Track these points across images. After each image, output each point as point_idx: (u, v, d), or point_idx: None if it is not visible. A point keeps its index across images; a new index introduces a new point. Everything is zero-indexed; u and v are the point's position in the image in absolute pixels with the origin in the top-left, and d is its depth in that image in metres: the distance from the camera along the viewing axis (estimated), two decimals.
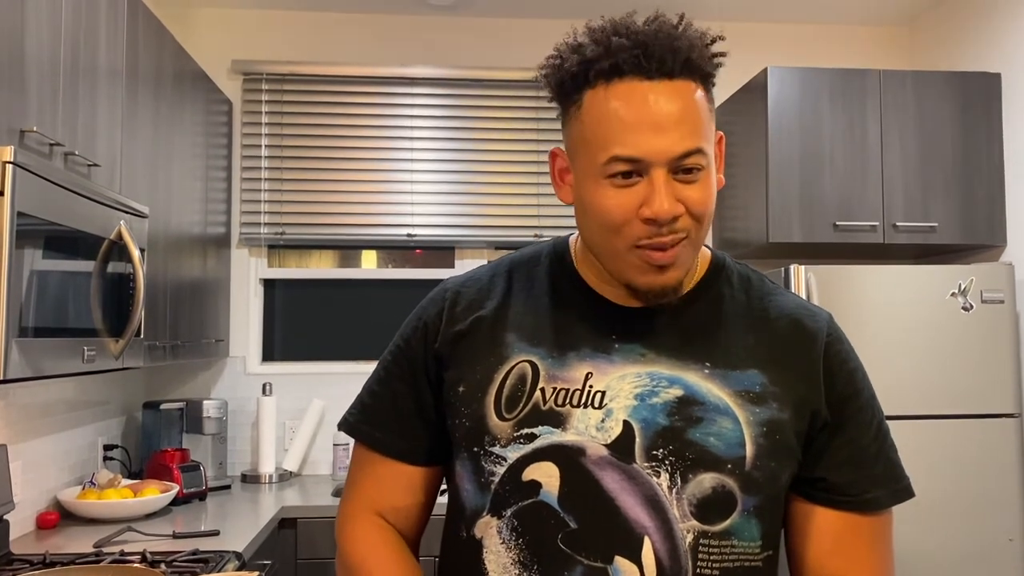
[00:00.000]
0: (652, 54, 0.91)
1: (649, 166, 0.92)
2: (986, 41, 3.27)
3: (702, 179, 0.94)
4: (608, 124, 0.93)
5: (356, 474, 1.13)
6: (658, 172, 0.92)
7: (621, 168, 0.92)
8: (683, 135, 0.91)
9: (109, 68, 2.19)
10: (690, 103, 0.92)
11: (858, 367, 1.05)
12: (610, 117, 0.93)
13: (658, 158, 0.91)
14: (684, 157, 0.92)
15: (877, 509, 1.01)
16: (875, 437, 1.03)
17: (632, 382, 0.99)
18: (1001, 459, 2.82)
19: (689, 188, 0.93)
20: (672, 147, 0.91)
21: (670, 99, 0.92)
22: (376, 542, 1.08)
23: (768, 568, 1.00)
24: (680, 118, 0.91)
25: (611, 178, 0.94)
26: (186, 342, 2.84)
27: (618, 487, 0.95)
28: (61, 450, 2.66)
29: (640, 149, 0.91)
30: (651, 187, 0.92)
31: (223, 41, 3.54)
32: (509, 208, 3.59)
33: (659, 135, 0.91)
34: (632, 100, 0.92)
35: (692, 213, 0.94)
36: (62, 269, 1.81)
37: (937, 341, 2.83)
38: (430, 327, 1.08)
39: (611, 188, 0.94)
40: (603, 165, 0.93)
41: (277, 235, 3.51)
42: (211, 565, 2.05)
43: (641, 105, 0.91)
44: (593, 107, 0.94)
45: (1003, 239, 3.14)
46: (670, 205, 0.92)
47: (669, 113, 0.91)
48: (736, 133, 3.37)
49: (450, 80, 3.60)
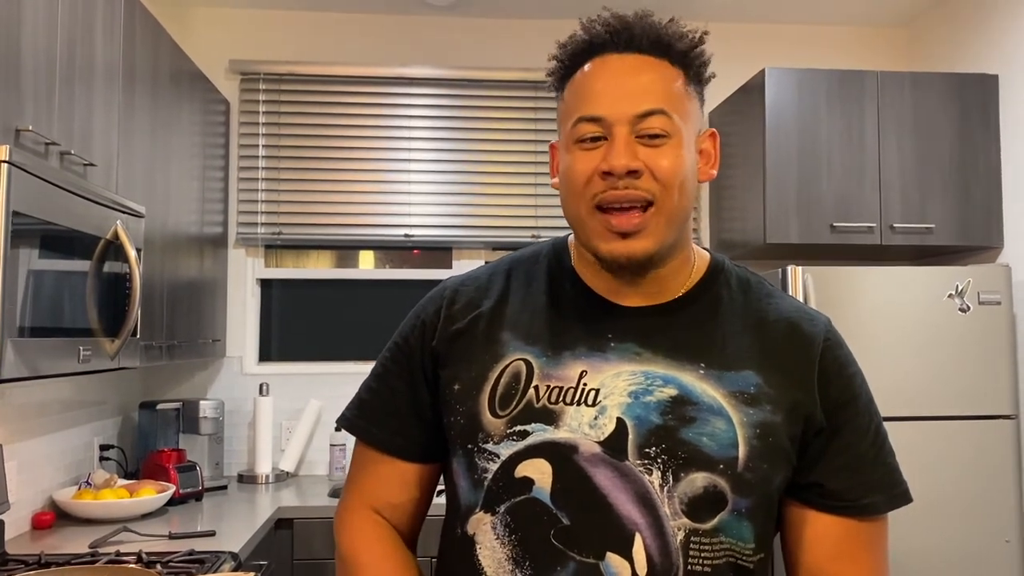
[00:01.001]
0: (621, 31, 0.99)
1: (611, 125, 0.96)
2: (984, 43, 3.27)
3: (669, 146, 0.97)
4: (579, 92, 1.00)
5: (354, 471, 1.15)
6: (619, 129, 0.96)
7: (587, 129, 0.97)
8: (646, 97, 0.96)
9: (106, 67, 2.19)
10: (659, 75, 0.98)
11: (856, 372, 1.05)
12: (582, 87, 1.00)
13: (619, 116, 0.96)
14: (646, 116, 0.95)
15: (874, 514, 1.01)
16: (872, 442, 1.02)
17: (627, 380, 0.99)
18: (997, 460, 2.82)
19: (654, 152, 0.96)
20: (634, 105, 0.96)
21: (637, 68, 0.98)
22: (371, 538, 1.10)
23: (761, 570, 1.01)
24: (645, 84, 0.97)
25: (580, 143, 0.98)
26: (182, 342, 2.83)
27: (610, 484, 0.96)
28: (57, 450, 2.65)
29: (602, 108, 0.96)
30: (611, 144, 0.96)
31: (220, 41, 3.53)
32: (507, 209, 3.59)
33: (622, 96, 0.96)
34: (602, 70, 0.99)
35: (655, 174, 0.96)
36: (58, 269, 1.81)
37: (934, 342, 2.83)
38: (428, 325, 1.10)
39: (579, 151, 0.98)
40: (571, 129, 0.99)
41: (274, 235, 3.50)
42: (207, 566, 2.05)
43: (609, 73, 0.98)
44: (573, 85, 1.01)
45: (1000, 240, 3.14)
46: (627, 159, 0.94)
47: (635, 78, 0.97)
48: (734, 134, 3.37)
49: (448, 80, 3.59)
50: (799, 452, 1.00)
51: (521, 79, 3.58)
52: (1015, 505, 2.82)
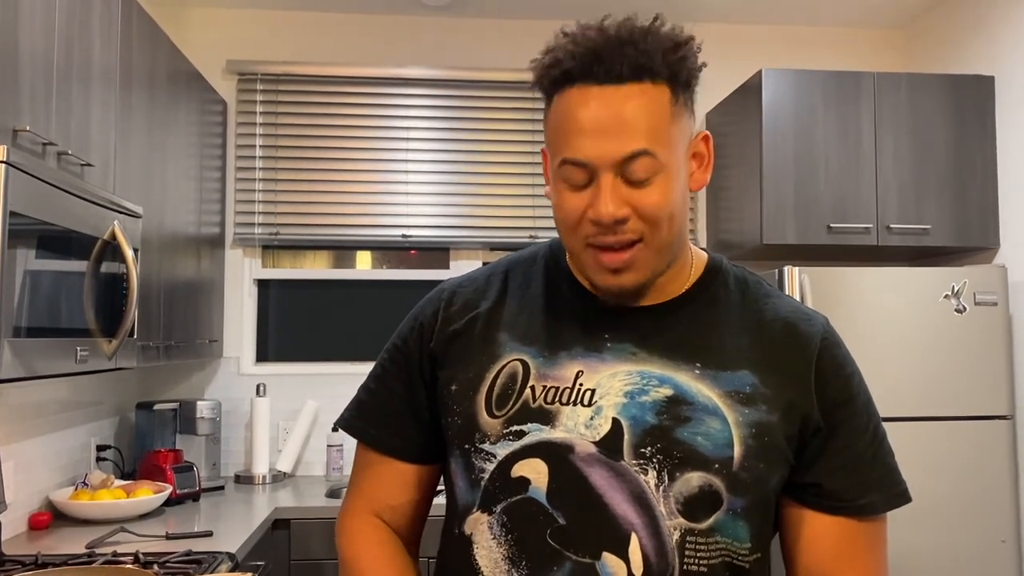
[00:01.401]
0: (601, 59, 0.93)
1: (596, 170, 0.93)
2: (980, 44, 3.28)
3: (656, 184, 0.94)
4: (560, 128, 0.96)
5: (355, 473, 1.16)
6: (605, 176, 0.93)
7: (572, 173, 0.95)
8: (628, 138, 0.92)
9: (103, 68, 2.19)
10: (640, 107, 0.93)
11: (854, 372, 1.05)
12: (562, 122, 0.95)
13: (602, 161, 0.93)
14: (629, 160, 0.92)
15: (872, 514, 1.01)
16: (870, 442, 1.02)
17: (623, 380, 0.99)
18: (993, 461, 2.83)
19: (641, 193, 0.94)
20: (617, 150, 0.92)
21: (617, 103, 0.92)
22: (371, 542, 1.10)
23: (758, 570, 1.01)
24: (626, 122, 0.92)
25: (565, 180, 0.96)
26: (180, 342, 2.83)
27: (606, 484, 0.96)
28: (53, 451, 2.65)
29: (584, 152, 0.93)
30: (597, 190, 0.94)
31: (218, 41, 3.53)
32: (504, 209, 3.59)
33: (603, 139, 0.92)
34: (581, 105, 0.94)
35: (643, 215, 0.94)
36: (55, 269, 1.81)
37: (930, 343, 2.83)
38: (426, 327, 1.10)
39: (566, 191, 0.97)
40: (558, 168, 0.96)
41: (271, 235, 3.50)
42: (204, 566, 2.05)
43: (587, 110, 0.93)
44: (554, 112, 0.98)
45: (996, 241, 3.15)
46: (613, 208, 0.93)
47: (614, 116, 0.92)
48: (730, 135, 3.38)
49: (445, 81, 3.59)
50: (796, 452, 1.00)
51: (518, 80, 3.58)
52: (1010, 505, 2.83)
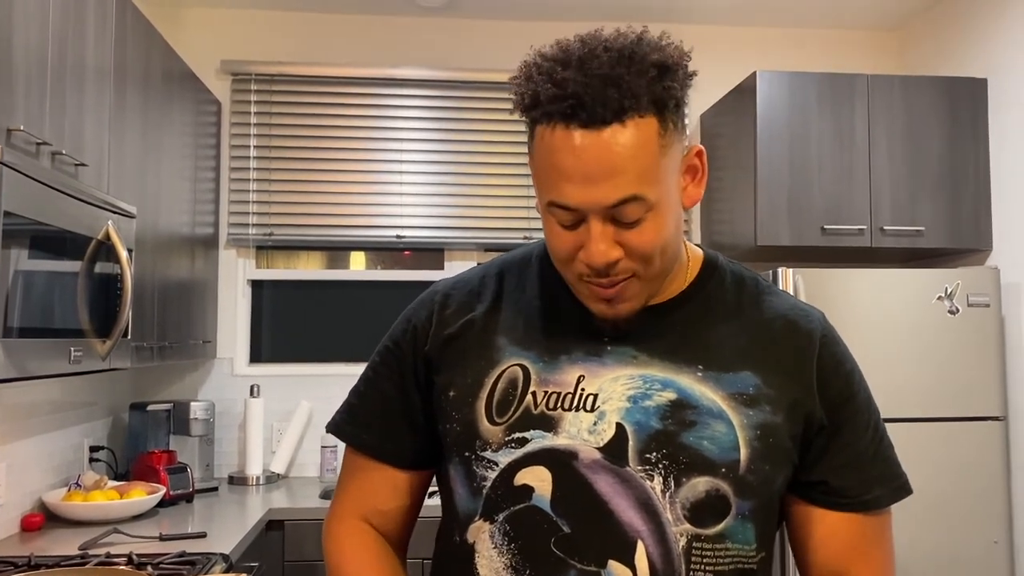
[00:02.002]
0: (583, 104, 0.88)
1: (585, 214, 0.91)
2: (973, 47, 3.29)
3: (647, 221, 0.92)
4: (547, 169, 0.92)
5: (344, 477, 1.13)
6: (595, 220, 0.91)
7: (560, 214, 0.93)
8: (616, 185, 0.89)
9: (97, 67, 2.18)
10: (627, 149, 0.89)
11: (854, 368, 1.05)
12: (548, 162, 0.92)
13: (591, 207, 0.90)
14: (617, 206, 0.90)
15: (877, 508, 1.02)
16: (872, 438, 1.03)
17: (625, 384, 0.98)
18: (986, 462, 2.84)
19: (630, 233, 0.92)
20: (605, 197, 0.89)
21: (603, 148, 0.88)
22: (357, 547, 1.08)
23: (762, 570, 1.01)
24: (612, 167, 0.89)
25: (555, 217, 0.94)
26: (173, 343, 2.83)
27: (611, 490, 0.95)
28: (46, 451, 2.64)
29: (573, 199, 0.90)
30: (588, 234, 0.92)
31: (212, 41, 3.52)
32: (498, 210, 3.59)
33: (591, 185, 0.89)
34: (565, 150, 0.90)
35: (634, 255, 0.93)
36: (49, 269, 1.80)
37: (923, 344, 2.84)
38: (419, 330, 1.08)
39: (557, 226, 0.95)
40: (546, 206, 0.94)
41: (265, 236, 3.49)
42: (198, 567, 2.04)
43: (571, 155, 0.89)
44: (538, 146, 0.93)
45: (989, 243, 3.16)
46: (604, 253, 0.91)
47: (599, 163, 0.89)
48: (725, 136, 3.38)
49: (440, 81, 3.59)
50: (801, 451, 1.01)
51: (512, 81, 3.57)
52: (1003, 506, 2.84)
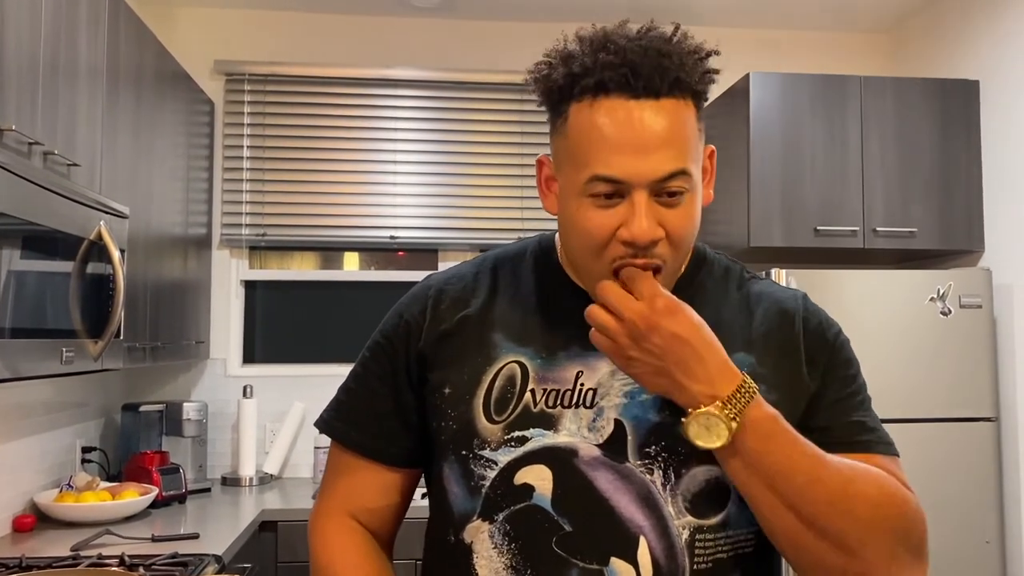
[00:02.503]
0: (639, 72, 0.88)
1: (631, 187, 0.90)
2: (965, 49, 3.30)
3: (685, 202, 0.92)
4: (591, 142, 0.90)
5: (330, 473, 1.12)
6: (640, 194, 0.90)
7: (602, 188, 0.90)
8: (667, 157, 0.89)
9: (89, 67, 2.17)
10: (677, 123, 0.90)
11: (838, 331, 1.06)
12: (593, 135, 0.90)
13: (640, 180, 0.89)
14: (667, 180, 0.90)
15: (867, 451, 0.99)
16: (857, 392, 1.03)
17: (622, 379, 0.98)
18: (978, 462, 2.85)
19: (671, 212, 0.91)
20: (655, 169, 0.89)
21: (655, 119, 0.89)
22: (345, 544, 1.07)
23: (759, 550, 1.00)
24: (665, 139, 0.89)
25: (593, 197, 0.91)
26: (166, 344, 2.82)
27: (612, 487, 0.95)
28: (38, 452, 2.63)
29: (622, 170, 0.89)
30: (632, 208, 0.90)
31: (205, 41, 3.52)
32: (492, 211, 3.59)
33: (642, 156, 0.88)
34: (616, 119, 0.89)
35: (671, 238, 0.92)
36: (40, 269, 1.79)
37: (916, 345, 2.85)
38: (413, 325, 1.06)
39: (592, 207, 0.92)
40: (585, 184, 0.91)
41: (259, 236, 3.49)
42: (190, 568, 2.04)
43: (625, 124, 0.89)
44: (578, 122, 0.92)
45: (981, 244, 3.17)
46: (650, 228, 0.90)
47: (654, 134, 0.88)
48: (718, 138, 3.39)
49: (433, 82, 3.59)
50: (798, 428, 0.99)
51: (506, 81, 3.58)
52: (995, 506, 2.85)
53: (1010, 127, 3.05)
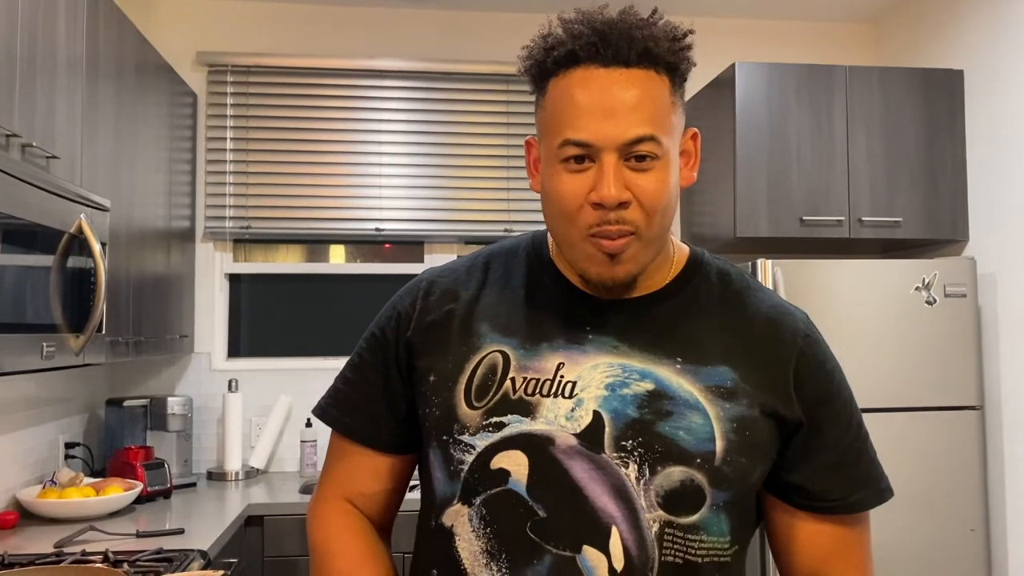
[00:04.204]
0: (609, 42, 0.93)
1: (599, 151, 0.93)
2: (949, 39, 3.31)
3: (656, 169, 0.94)
4: (564, 109, 0.95)
5: (329, 461, 1.15)
6: (608, 156, 0.93)
7: (573, 152, 0.94)
8: (635, 121, 0.92)
9: (68, 58, 2.14)
10: (646, 92, 0.93)
11: (835, 368, 1.05)
12: (566, 102, 0.94)
13: (607, 143, 0.92)
14: (634, 143, 0.93)
15: (860, 511, 1.03)
16: (854, 439, 1.04)
17: (604, 372, 0.99)
18: (963, 450, 2.87)
19: (641, 176, 0.94)
20: (623, 132, 0.92)
21: (624, 86, 0.93)
22: (342, 528, 1.10)
23: (736, 563, 1.01)
24: (633, 105, 0.92)
25: (565, 162, 0.95)
26: (150, 338, 2.79)
27: (586, 476, 0.96)
28: (21, 448, 2.60)
29: (590, 133, 0.92)
30: (600, 172, 0.93)
31: (187, 32, 3.48)
32: (478, 203, 3.57)
33: (610, 120, 0.92)
34: (587, 86, 0.93)
35: (642, 204, 0.94)
36: (20, 264, 1.77)
37: (901, 335, 2.86)
38: (403, 316, 1.09)
39: (565, 173, 0.95)
40: (557, 149, 0.95)
41: (243, 229, 3.46)
42: (175, 564, 2.02)
43: (594, 91, 0.93)
44: (554, 94, 0.96)
45: (965, 234, 3.19)
46: (617, 190, 0.92)
47: (621, 99, 0.92)
48: (704, 128, 3.38)
49: (419, 73, 3.57)
50: (780, 448, 1.01)
51: (493, 72, 3.56)
52: (979, 495, 2.87)
53: (994, 117, 3.06)
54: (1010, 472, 2.93)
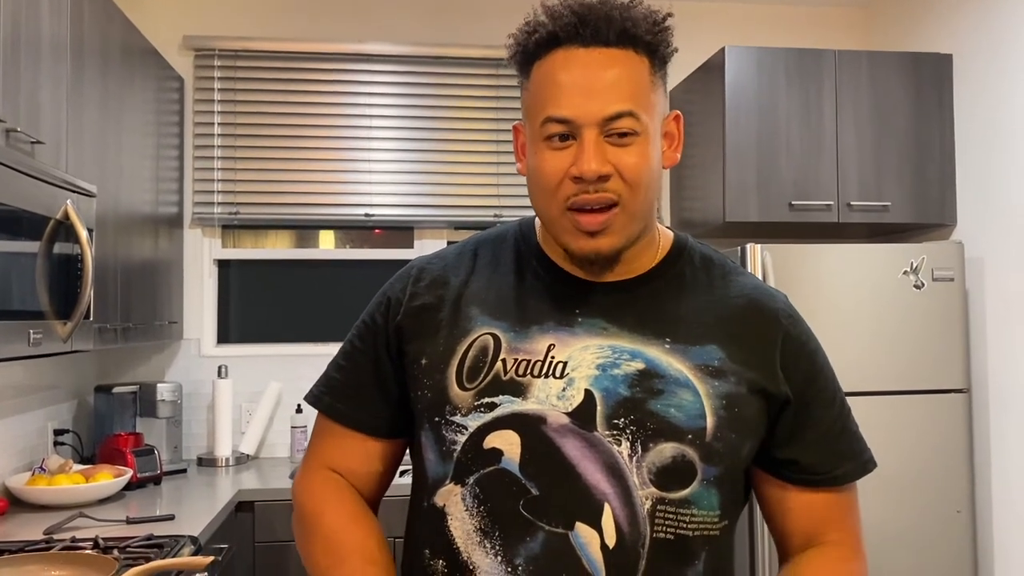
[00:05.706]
0: (588, 23, 0.96)
1: (580, 127, 0.96)
2: (938, 23, 3.31)
3: (637, 145, 0.97)
4: (546, 89, 0.98)
5: (315, 440, 1.16)
6: (588, 132, 0.95)
7: (555, 129, 0.97)
8: (614, 97, 0.95)
9: (53, 42, 2.12)
10: (625, 70, 0.97)
11: (817, 347, 1.09)
12: (548, 82, 0.98)
13: (587, 118, 0.95)
14: (614, 119, 0.95)
15: (847, 482, 1.07)
16: (838, 415, 1.08)
17: (594, 353, 1.01)
18: (950, 433, 2.89)
19: (622, 152, 0.96)
20: (602, 108, 0.95)
21: (604, 65, 0.96)
22: (330, 490, 1.10)
23: (725, 537, 1.03)
24: (612, 83, 0.96)
25: (548, 140, 0.98)
26: (138, 324, 2.78)
27: (579, 454, 0.97)
28: (10, 435, 2.59)
29: (570, 109, 0.96)
30: (581, 147, 0.96)
31: (174, 16, 3.45)
32: (468, 188, 3.57)
33: (589, 97, 0.95)
34: (567, 66, 0.97)
35: (624, 177, 0.97)
36: (5, 250, 1.76)
37: (889, 318, 2.88)
38: (393, 302, 1.11)
39: (548, 150, 0.98)
40: (540, 127, 0.98)
41: (231, 215, 3.44)
42: (166, 550, 2.02)
43: (575, 69, 0.96)
44: (537, 76, 1.00)
45: (953, 218, 3.20)
46: (597, 164, 0.95)
47: (601, 77, 0.96)
48: (693, 112, 3.38)
49: (408, 57, 3.55)
50: (769, 425, 1.04)
51: (483, 56, 3.55)
52: (966, 477, 2.90)
53: (982, 101, 3.07)
54: (996, 454, 2.96)
